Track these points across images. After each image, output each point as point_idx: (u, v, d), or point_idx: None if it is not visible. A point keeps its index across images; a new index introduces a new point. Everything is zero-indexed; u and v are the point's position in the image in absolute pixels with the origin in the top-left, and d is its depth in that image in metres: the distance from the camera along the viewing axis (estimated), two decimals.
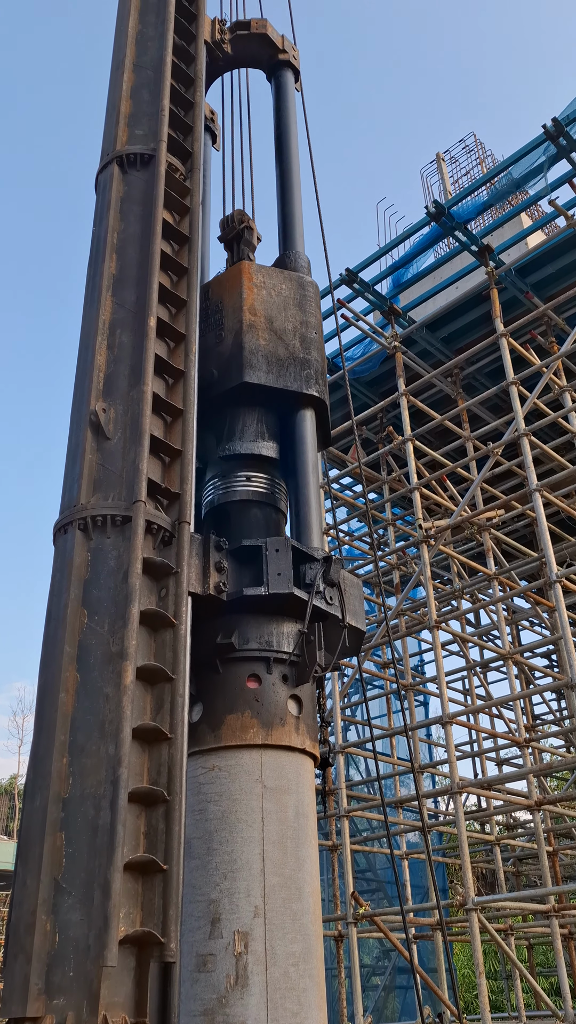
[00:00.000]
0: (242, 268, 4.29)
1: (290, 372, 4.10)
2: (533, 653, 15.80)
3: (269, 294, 4.24)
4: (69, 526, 3.15)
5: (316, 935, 3.30)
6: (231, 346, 4.07)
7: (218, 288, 4.31)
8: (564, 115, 10.32)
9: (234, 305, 4.17)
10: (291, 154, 4.99)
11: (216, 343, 4.12)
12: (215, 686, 3.50)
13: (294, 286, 4.34)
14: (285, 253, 4.64)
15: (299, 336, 4.21)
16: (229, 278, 4.31)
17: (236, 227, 4.67)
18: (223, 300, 4.24)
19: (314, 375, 4.16)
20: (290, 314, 4.25)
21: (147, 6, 4.46)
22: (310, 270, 4.60)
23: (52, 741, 2.75)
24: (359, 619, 3.82)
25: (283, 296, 4.28)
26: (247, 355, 4.00)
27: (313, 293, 4.42)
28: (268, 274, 4.32)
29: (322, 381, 4.22)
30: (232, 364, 4.02)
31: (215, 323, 4.19)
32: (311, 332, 4.27)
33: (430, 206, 11.11)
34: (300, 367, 4.13)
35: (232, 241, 4.68)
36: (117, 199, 3.86)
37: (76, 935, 2.48)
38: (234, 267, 4.36)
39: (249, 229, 4.66)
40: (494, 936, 9.70)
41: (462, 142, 18.80)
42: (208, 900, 3.18)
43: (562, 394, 10.92)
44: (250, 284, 4.21)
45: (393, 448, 12.37)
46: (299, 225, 4.78)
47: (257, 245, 4.73)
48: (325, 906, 11.48)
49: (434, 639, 10.47)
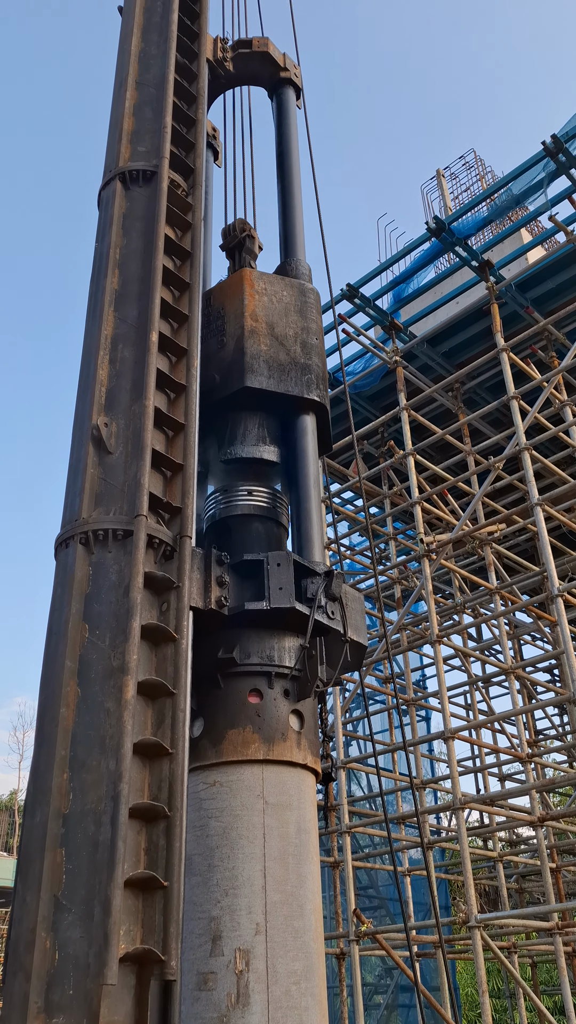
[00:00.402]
0: (244, 275, 4.32)
1: (291, 377, 4.12)
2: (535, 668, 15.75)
3: (270, 300, 4.27)
4: (70, 540, 3.15)
5: (318, 953, 3.28)
6: (233, 352, 4.09)
7: (220, 295, 4.34)
8: (563, 132, 10.39)
9: (236, 311, 4.19)
10: (292, 169, 5.02)
11: (218, 349, 4.15)
12: (216, 701, 3.49)
13: (295, 293, 4.37)
14: (286, 261, 4.67)
15: (300, 342, 4.23)
16: (231, 285, 4.33)
17: (238, 235, 4.71)
18: (225, 307, 4.26)
19: (315, 380, 4.19)
20: (291, 320, 4.27)
21: (150, 25, 4.50)
22: (311, 277, 4.63)
23: (52, 756, 2.74)
24: (361, 634, 3.81)
25: (284, 303, 4.30)
26: (248, 360, 4.02)
27: (314, 300, 4.45)
28: (269, 281, 4.35)
29: (323, 386, 4.24)
30: (234, 369, 4.04)
31: (217, 329, 4.21)
32: (312, 338, 4.29)
33: (430, 222, 11.17)
34: (301, 372, 4.15)
35: (234, 249, 4.72)
36: (120, 215, 3.89)
37: (76, 952, 2.46)
38: (236, 274, 4.39)
39: (251, 238, 4.70)
40: (497, 954, 9.62)
41: (462, 158, 18.95)
42: (209, 917, 3.16)
43: (563, 408, 10.94)
44: (251, 291, 4.24)
45: (394, 462, 12.38)
46: (300, 233, 4.81)
47: (258, 254, 4.76)
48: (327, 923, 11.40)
49: (436, 654, 10.45)
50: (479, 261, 11.34)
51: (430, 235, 11.37)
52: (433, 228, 11.15)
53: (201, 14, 4.70)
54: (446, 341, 12.77)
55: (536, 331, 11.14)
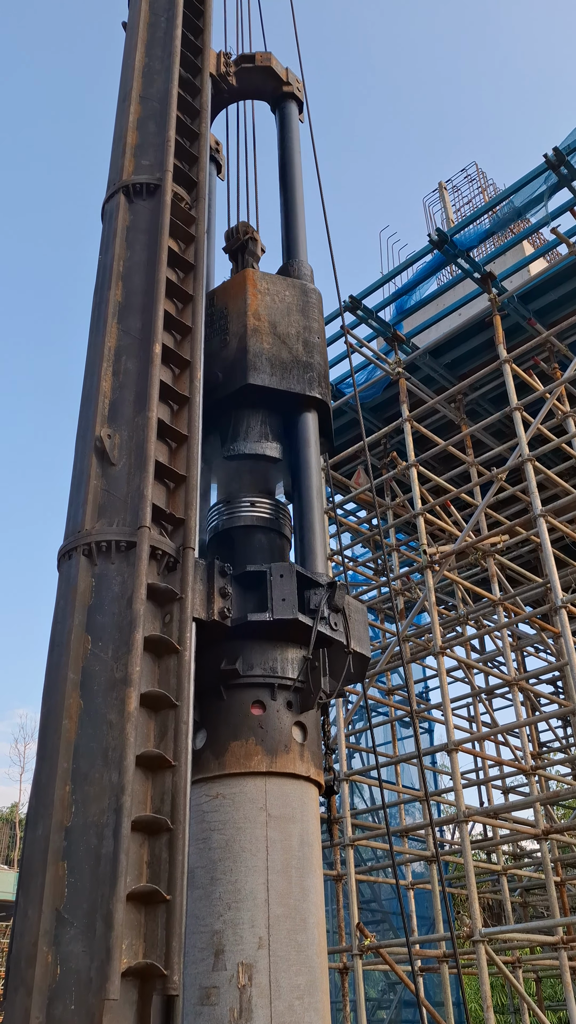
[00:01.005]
0: (246, 275, 4.38)
1: (293, 375, 4.16)
2: (539, 679, 15.70)
3: (273, 300, 4.32)
4: (73, 552, 3.15)
5: (321, 967, 3.25)
6: (235, 350, 4.14)
7: (223, 295, 4.40)
8: (565, 144, 10.44)
9: (238, 311, 4.25)
10: (295, 181, 5.09)
11: (221, 347, 4.20)
12: (219, 713, 3.48)
13: (297, 292, 4.43)
14: (288, 262, 4.74)
15: (302, 340, 4.29)
16: (234, 285, 4.39)
17: (240, 238, 4.79)
18: (228, 306, 4.32)
19: (317, 378, 4.24)
20: (293, 319, 4.33)
21: (153, 40, 4.53)
22: (313, 279, 4.69)
23: (55, 769, 2.73)
24: (364, 645, 3.80)
25: (287, 302, 4.36)
26: (251, 358, 4.08)
27: (316, 300, 4.50)
28: (272, 281, 4.41)
29: (324, 384, 4.29)
30: (237, 367, 4.09)
31: (220, 328, 4.27)
32: (314, 337, 4.35)
33: (433, 234, 11.21)
34: (303, 370, 4.20)
35: (236, 252, 4.80)
36: (123, 228, 3.91)
37: (78, 967, 2.45)
38: (239, 274, 4.46)
39: (253, 240, 4.78)
40: (501, 969, 9.55)
41: (464, 171, 19.04)
42: (211, 931, 3.14)
43: (565, 419, 10.94)
44: (254, 290, 4.30)
45: (397, 474, 12.38)
46: (302, 235, 4.88)
47: (261, 256, 4.83)
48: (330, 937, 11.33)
49: (439, 665, 10.42)
50: (481, 273, 11.37)
51: (432, 247, 11.41)
52: (435, 240, 11.18)
53: (204, 29, 4.74)
54: (448, 353, 12.79)
55: (538, 342, 11.16)
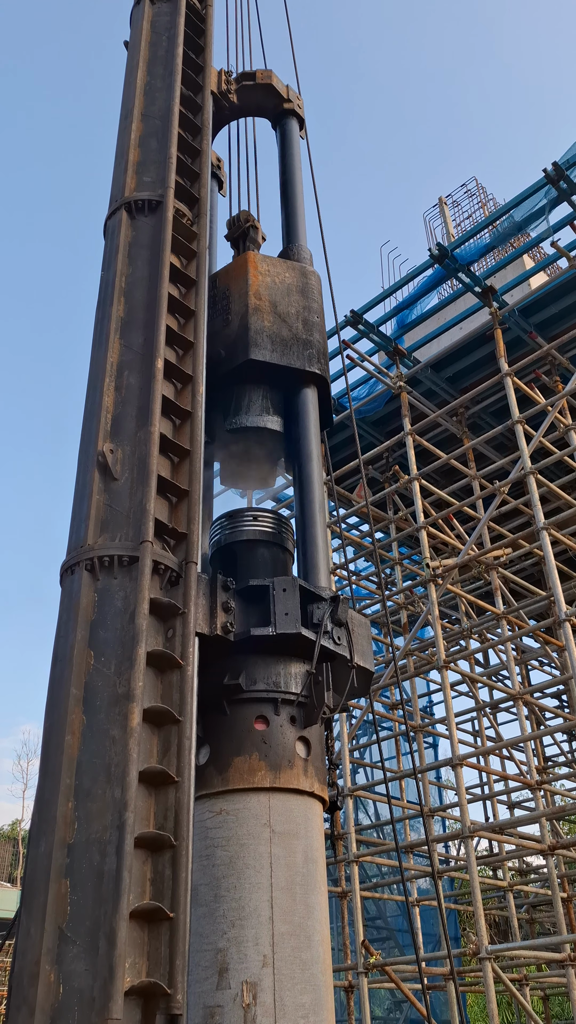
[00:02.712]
0: (248, 257, 4.54)
1: (293, 351, 4.31)
2: (543, 693, 15.63)
3: (273, 281, 4.48)
4: (76, 567, 3.14)
5: (326, 985, 3.22)
6: (237, 328, 4.29)
7: (225, 277, 4.56)
8: (564, 159, 10.49)
9: (240, 291, 4.40)
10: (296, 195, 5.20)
11: (223, 326, 4.35)
12: (222, 728, 3.46)
13: (297, 274, 4.60)
14: (288, 246, 4.92)
15: (302, 319, 4.44)
16: (235, 267, 4.55)
17: (242, 226, 5.02)
18: (230, 287, 4.48)
19: (316, 355, 4.38)
20: (293, 299, 4.48)
21: (155, 59, 4.57)
22: (312, 263, 4.86)
23: (57, 785, 2.72)
24: (367, 659, 3.79)
25: (287, 283, 4.52)
26: (252, 335, 4.22)
27: (315, 282, 4.67)
28: (272, 263, 4.58)
29: (323, 360, 4.43)
30: (238, 344, 4.24)
31: (222, 309, 4.42)
32: (313, 316, 4.50)
33: (433, 249, 11.25)
34: (303, 347, 4.35)
35: (238, 239, 5.01)
36: (125, 244, 3.93)
37: (81, 986, 2.42)
38: (240, 257, 4.63)
39: (254, 228, 5.01)
40: (508, 986, 9.45)
41: (464, 186, 19.13)
42: (215, 949, 3.11)
43: (567, 432, 10.94)
44: (255, 272, 4.46)
45: (399, 487, 12.38)
46: (302, 221, 5.06)
47: (262, 244, 5.04)
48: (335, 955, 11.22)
49: (443, 679, 10.38)
50: (482, 287, 11.41)
51: (433, 262, 11.45)
52: (436, 255, 11.22)
53: (205, 48, 4.78)
54: (450, 366, 12.81)
55: (540, 356, 11.18)
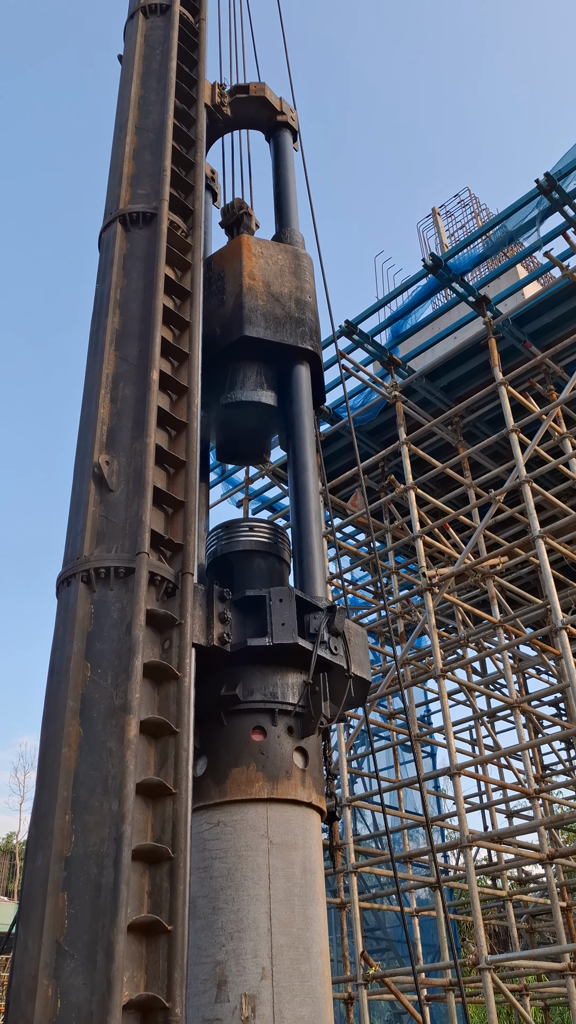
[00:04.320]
0: (242, 240, 4.69)
1: (286, 329, 4.46)
2: (541, 701, 15.62)
3: (267, 262, 4.64)
4: (72, 578, 3.14)
5: (325, 997, 3.21)
6: (232, 307, 4.43)
7: (220, 260, 4.70)
8: (556, 169, 10.56)
9: (235, 272, 4.55)
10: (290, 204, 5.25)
11: (218, 306, 4.49)
12: (220, 739, 3.46)
13: (289, 256, 4.76)
14: (281, 230, 5.07)
15: (294, 299, 4.59)
16: (230, 250, 4.70)
17: (236, 212, 5.19)
18: (225, 269, 4.62)
19: (308, 332, 4.53)
20: (286, 280, 4.63)
21: (149, 72, 4.60)
22: (304, 246, 5.00)
23: (54, 798, 2.71)
24: (364, 669, 3.79)
25: (280, 264, 4.68)
26: (247, 313, 4.37)
27: (307, 264, 4.82)
28: (266, 246, 4.74)
29: (316, 338, 4.58)
30: (233, 322, 4.38)
31: (217, 290, 4.57)
32: (306, 296, 4.65)
33: (427, 259, 11.30)
34: (296, 325, 4.50)
35: (232, 225, 5.16)
36: (120, 256, 3.94)
37: (78, 1000, 2.41)
38: (234, 240, 4.77)
39: (248, 215, 5.16)
40: (508, 997, 9.41)
41: (457, 196, 19.24)
42: (214, 962, 3.10)
43: (562, 440, 10.98)
44: (249, 254, 4.62)
45: (395, 496, 12.39)
46: (294, 209, 5.19)
47: (255, 231, 5.17)
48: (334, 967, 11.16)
49: (440, 688, 10.37)
50: (476, 297, 11.45)
51: (427, 271, 11.49)
52: (430, 265, 11.27)
53: (199, 61, 4.81)
54: (445, 376, 12.85)
55: (534, 364, 11.21)
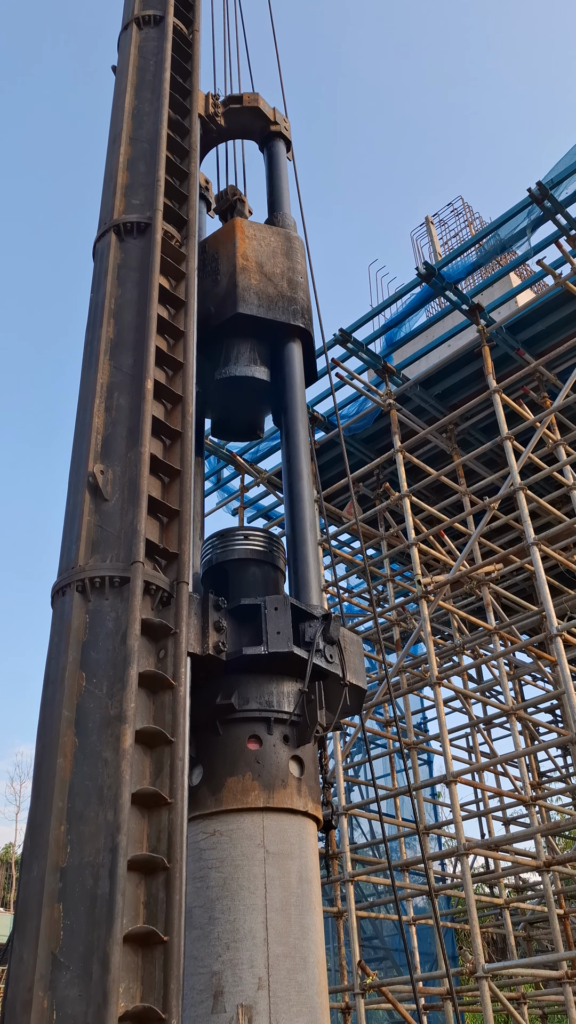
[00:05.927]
0: (235, 223, 4.85)
1: (279, 307, 4.62)
2: (537, 708, 15.60)
3: (260, 244, 4.80)
4: (67, 588, 3.14)
5: (322, 1007, 3.20)
6: (226, 286, 4.59)
7: (214, 243, 4.85)
8: (548, 179, 10.62)
9: (228, 253, 4.71)
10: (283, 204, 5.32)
11: (212, 286, 4.65)
12: (215, 748, 3.45)
13: (281, 239, 4.92)
14: (273, 215, 5.22)
15: (287, 279, 4.74)
16: (224, 233, 4.86)
17: (230, 199, 5.33)
18: (219, 251, 4.78)
19: (300, 311, 4.68)
20: (278, 261, 4.79)
21: (143, 83, 4.62)
22: (296, 229, 5.17)
23: (50, 808, 2.70)
24: (360, 677, 3.79)
25: (272, 246, 4.84)
26: (240, 291, 4.53)
27: (299, 246, 4.99)
28: (258, 228, 4.91)
29: (307, 316, 4.74)
30: (227, 300, 4.54)
31: (211, 271, 4.72)
32: (298, 276, 4.81)
33: (421, 267, 11.34)
34: (288, 303, 4.66)
35: (226, 211, 5.32)
36: (114, 266, 3.95)
37: (74, 1012, 2.40)
38: (228, 223, 4.92)
39: (241, 201, 5.33)
40: (506, 1005, 9.38)
41: (450, 205, 19.35)
42: (210, 972, 3.09)
43: (556, 448, 11.01)
44: (242, 236, 4.78)
45: (390, 504, 12.41)
46: (286, 194, 5.33)
47: (249, 216, 5.30)
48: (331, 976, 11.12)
49: (436, 696, 10.36)
50: (469, 305, 11.50)
51: (421, 280, 11.54)
52: (423, 273, 11.31)
53: (193, 72, 4.84)
54: (439, 383, 12.88)
55: (527, 372, 11.26)
